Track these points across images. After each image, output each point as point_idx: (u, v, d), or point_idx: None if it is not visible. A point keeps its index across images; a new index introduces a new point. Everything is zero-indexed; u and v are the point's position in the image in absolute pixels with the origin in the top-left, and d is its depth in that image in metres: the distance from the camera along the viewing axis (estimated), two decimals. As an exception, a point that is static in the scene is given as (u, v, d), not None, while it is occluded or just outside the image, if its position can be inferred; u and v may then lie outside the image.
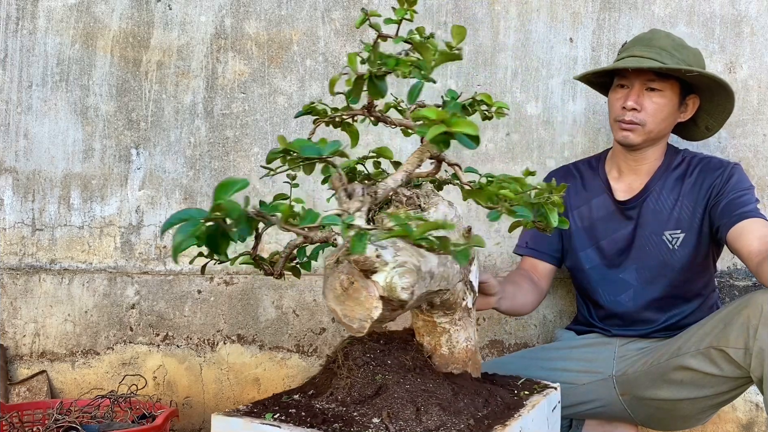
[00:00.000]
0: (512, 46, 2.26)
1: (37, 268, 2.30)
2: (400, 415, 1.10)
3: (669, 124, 1.83)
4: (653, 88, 1.78)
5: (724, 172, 1.82)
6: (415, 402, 1.13)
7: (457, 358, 1.35)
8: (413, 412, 1.10)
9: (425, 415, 1.10)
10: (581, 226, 1.95)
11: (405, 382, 1.18)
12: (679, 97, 1.81)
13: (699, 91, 1.83)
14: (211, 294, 2.28)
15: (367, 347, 1.29)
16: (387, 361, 1.26)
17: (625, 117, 1.79)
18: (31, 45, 2.31)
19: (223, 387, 2.28)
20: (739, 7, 2.20)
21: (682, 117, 1.86)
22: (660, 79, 1.77)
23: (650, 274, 1.87)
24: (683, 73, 1.73)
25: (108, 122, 2.31)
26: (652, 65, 1.73)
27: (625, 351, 1.89)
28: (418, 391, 1.16)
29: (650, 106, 1.78)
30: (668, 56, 1.75)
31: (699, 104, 1.86)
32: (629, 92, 1.80)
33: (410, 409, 1.11)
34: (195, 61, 2.30)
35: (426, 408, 1.12)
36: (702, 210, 1.82)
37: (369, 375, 1.22)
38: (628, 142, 1.82)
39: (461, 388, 1.25)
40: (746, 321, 1.56)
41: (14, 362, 2.29)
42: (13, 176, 2.31)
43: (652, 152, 1.88)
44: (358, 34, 2.28)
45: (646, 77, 1.78)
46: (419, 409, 1.11)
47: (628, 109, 1.79)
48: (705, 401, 1.71)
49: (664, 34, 1.82)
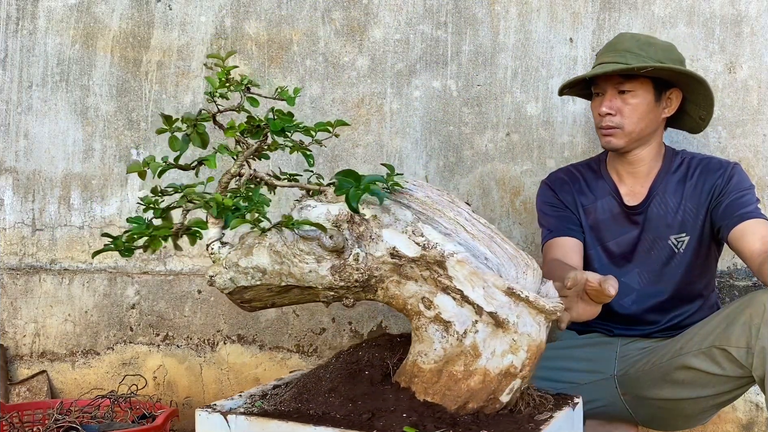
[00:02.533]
0: (512, 46, 2.26)
1: (38, 268, 2.30)
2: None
3: (650, 121, 1.83)
4: (624, 90, 1.80)
5: (724, 173, 1.82)
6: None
7: (407, 371, 1.32)
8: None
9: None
10: (589, 224, 1.94)
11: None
12: (653, 93, 1.81)
13: (678, 84, 1.84)
14: (212, 294, 2.28)
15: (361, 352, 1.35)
16: (363, 366, 1.36)
17: (603, 123, 1.82)
18: (32, 45, 2.31)
19: (223, 387, 2.28)
20: (739, 7, 2.20)
21: (667, 112, 1.86)
22: (629, 81, 1.79)
23: (653, 278, 1.87)
24: (637, 71, 1.74)
25: (108, 122, 2.31)
26: (607, 69, 1.75)
27: (627, 350, 1.89)
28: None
29: (624, 108, 1.80)
30: (633, 57, 1.77)
31: (683, 96, 1.86)
32: (603, 99, 1.83)
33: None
34: (195, 61, 2.30)
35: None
36: (704, 212, 1.83)
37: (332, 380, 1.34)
38: (612, 146, 1.84)
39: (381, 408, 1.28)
40: (748, 320, 1.56)
41: (14, 362, 2.28)
42: (13, 176, 2.31)
43: (645, 153, 1.88)
44: (357, 34, 2.29)
45: (615, 81, 1.80)
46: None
47: (603, 116, 1.82)
48: (707, 401, 1.71)
49: (629, 36, 1.84)
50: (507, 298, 1.24)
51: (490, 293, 1.24)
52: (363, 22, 2.28)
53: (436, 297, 1.25)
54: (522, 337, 1.26)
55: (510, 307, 1.24)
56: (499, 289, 1.24)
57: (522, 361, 1.27)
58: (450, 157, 2.26)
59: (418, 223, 1.26)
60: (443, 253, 1.23)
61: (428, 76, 2.26)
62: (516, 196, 2.26)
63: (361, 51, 2.29)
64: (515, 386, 1.29)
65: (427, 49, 2.27)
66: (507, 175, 2.26)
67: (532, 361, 1.28)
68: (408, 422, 1.23)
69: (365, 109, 2.28)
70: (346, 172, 1.22)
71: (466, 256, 1.24)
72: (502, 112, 2.26)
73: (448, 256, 1.23)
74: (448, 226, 1.29)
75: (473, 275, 1.24)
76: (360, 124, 2.28)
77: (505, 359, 1.26)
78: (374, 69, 2.28)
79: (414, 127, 2.27)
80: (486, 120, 2.26)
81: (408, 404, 1.27)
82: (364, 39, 2.28)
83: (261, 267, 1.33)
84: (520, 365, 1.27)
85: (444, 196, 1.37)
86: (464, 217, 1.33)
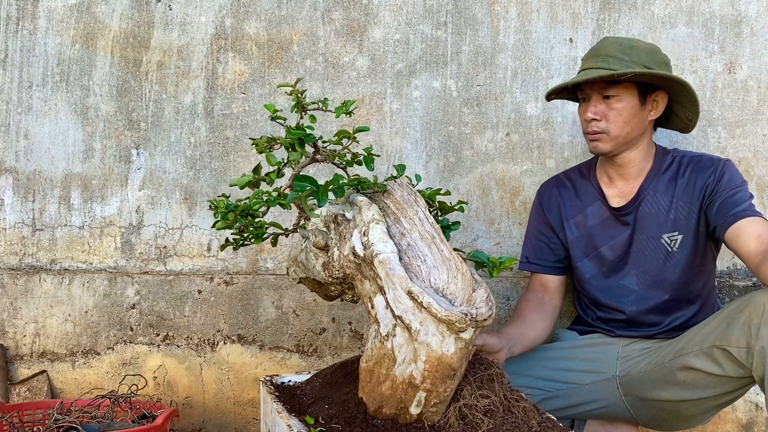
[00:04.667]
0: (512, 46, 2.26)
1: (38, 268, 2.30)
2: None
3: (636, 124, 1.83)
4: (609, 96, 1.80)
5: (716, 171, 1.82)
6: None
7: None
8: None
9: None
10: (578, 235, 1.95)
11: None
12: (638, 97, 1.81)
13: (662, 86, 1.84)
14: (212, 294, 2.29)
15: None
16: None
17: (589, 129, 1.84)
18: (32, 45, 2.31)
19: (223, 387, 2.28)
20: (738, 8, 2.20)
21: (654, 114, 1.86)
22: (613, 86, 1.79)
23: (651, 279, 1.87)
24: (618, 77, 1.75)
25: (108, 122, 2.31)
26: (589, 76, 1.75)
27: (629, 351, 1.89)
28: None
29: (609, 113, 1.81)
30: (615, 62, 1.77)
31: (669, 98, 1.86)
32: (588, 104, 1.84)
33: None
34: (195, 62, 2.30)
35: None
36: (697, 210, 1.83)
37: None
38: (598, 151, 1.86)
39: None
40: (748, 320, 1.56)
41: (14, 362, 2.28)
42: (13, 176, 2.31)
43: (634, 155, 1.88)
44: (357, 34, 2.29)
45: (599, 86, 1.81)
46: None
47: (589, 121, 1.83)
48: (708, 402, 1.71)
49: (612, 40, 1.83)
50: (411, 302, 1.17)
51: (398, 296, 1.18)
52: (363, 22, 2.29)
53: (375, 297, 1.23)
54: (421, 346, 1.17)
55: (414, 312, 1.17)
56: (404, 291, 1.17)
57: (421, 372, 1.18)
58: (450, 157, 2.26)
59: (371, 223, 1.25)
60: (372, 253, 1.21)
61: (428, 76, 2.27)
62: (516, 196, 2.26)
63: (361, 51, 2.29)
64: (422, 399, 1.20)
65: (427, 49, 2.27)
66: (507, 175, 2.26)
67: (433, 374, 1.17)
68: (326, 413, 1.24)
69: (365, 109, 2.28)
70: (301, 178, 1.34)
71: (387, 257, 1.20)
72: (501, 112, 2.26)
73: (374, 256, 1.21)
74: (407, 225, 1.28)
75: (388, 277, 1.19)
76: (360, 124, 2.28)
77: (408, 368, 1.19)
78: (374, 69, 2.28)
79: (414, 127, 2.27)
80: (486, 120, 2.26)
81: (349, 398, 1.29)
82: (364, 39, 2.28)
83: (301, 262, 1.47)
84: (420, 377, 1.18)
85: (411, 195, 1.37)
86: (419, 217, 1.31)
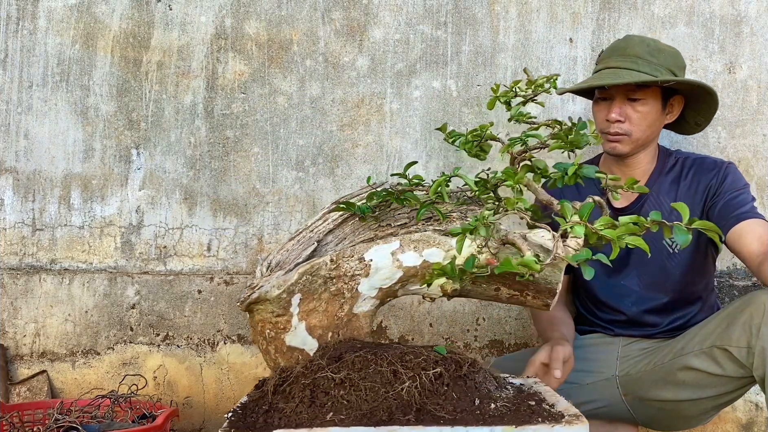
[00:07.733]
0: (512, 46, 2.26)
1: (38, 268, 2.30)
2: None
3: (656, 129, 1.83)
4: (635, 98, 1.76)
5: (719, 173, 1.82)
6: None
7: None
8: None
9: None
10: None
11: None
12: (661, 101, 1.79)
13: (682, 91, 1.83)
14: (212, 294, 2.29)
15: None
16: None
17: (610, 129, 1.78)
18: (32, 45, 2.31)
19: (223, 387, 2.28)
20: (738, 8, 2.20)
21: (669, 118, 1.85)
22: (641, 89, 1.76)
23: (652, 279, 1.87)
24: (661, 84, 1.72)
25: (108, 122, 2.31)
26: (629, 80, 1.72)
27: (629, 351, 1.89)
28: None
29: (634, 116, 1.77)
30: (645, 63, 1.74)
31: (684, 102, 1.86)
32: (612, 104, 1.78)
33: None
34: (195, 62, 2.30)
35: None
36: (699, 212, 1.82)
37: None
38: (617, 152, 1.82)
39: None
40: (749, 320, 1.56)
41: (14, 362, 2.28)
42: (13, 176, 2.31)
43: (643, 156, 1.87)
44: (357, 34, 2.29)
45: (626, 88, 1.76)
46: None
47: (612, 122, 1.78)
48: (708, 402, 1.71)
49: (638, 40, 1.80)
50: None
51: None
52: (363, 22, 2.29)
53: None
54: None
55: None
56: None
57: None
58: (450, 157, 2.26)
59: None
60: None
61: (428, 76, 2.27)
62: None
63: (361, 51, 2.29)
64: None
65: (427, 49, 2.27)
66: (507, 175, 2.26)
67: None
68: None
69: (365, 109, 2.28)
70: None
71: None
72: (502, 112, 2.26)
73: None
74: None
75: None
76: (360, 124, 2.28)
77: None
78: (374, 69, 2.28)
79: (414, 127, 2.27)
80: (486, 120, 2.26)
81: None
82: (364, 39, 2.28)
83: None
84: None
85: None
86: None
